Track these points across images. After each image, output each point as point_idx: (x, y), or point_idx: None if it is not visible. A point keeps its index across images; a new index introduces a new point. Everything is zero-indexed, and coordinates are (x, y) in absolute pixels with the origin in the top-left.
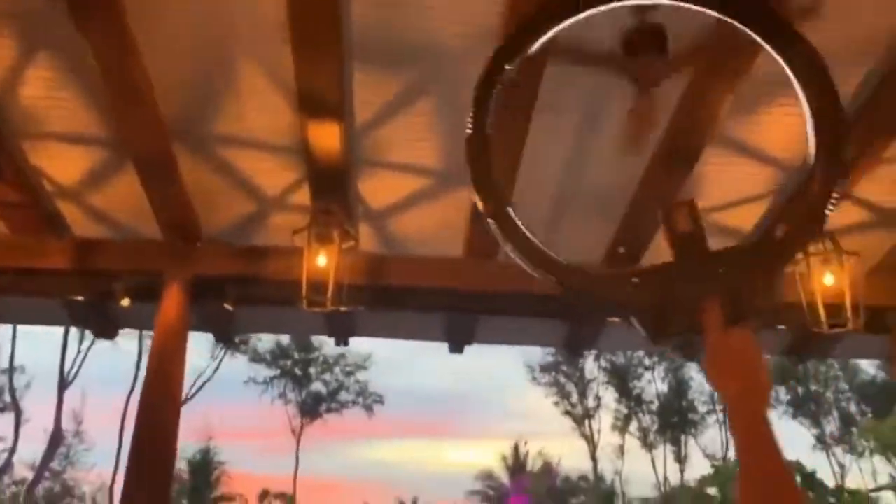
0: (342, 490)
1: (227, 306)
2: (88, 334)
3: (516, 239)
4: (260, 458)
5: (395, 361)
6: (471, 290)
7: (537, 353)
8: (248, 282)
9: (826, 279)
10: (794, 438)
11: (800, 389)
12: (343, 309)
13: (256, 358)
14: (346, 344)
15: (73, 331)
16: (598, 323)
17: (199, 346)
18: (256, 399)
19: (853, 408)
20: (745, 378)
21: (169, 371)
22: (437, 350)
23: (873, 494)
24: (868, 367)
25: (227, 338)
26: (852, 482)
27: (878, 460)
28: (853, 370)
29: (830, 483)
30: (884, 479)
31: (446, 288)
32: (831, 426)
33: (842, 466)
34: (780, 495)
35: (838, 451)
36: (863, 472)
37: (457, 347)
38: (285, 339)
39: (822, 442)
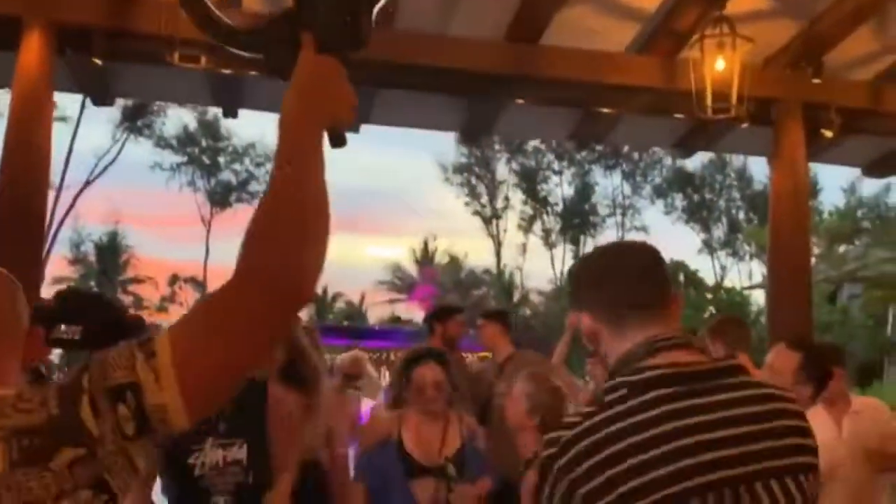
0: None
1: (96, 60)
2: None
3: None
4: (169, 245)
5: None
6: (364, 60)
7: (451, 154)
8: (117, 34)
9: (717, 64)
10: (683, 242)
11: (695, 197)
12: (226, 71)
13: (162, 143)
14: (234, 116)
15: None
16: (497, 104)
17: (98, 125)
18: (164, 185)
19: (741, 216)
20: (323, 101)
21: (32, 137)
22: (353, 146)
23: (746, 292)
24: (761, 178)
25: (102, 100)
26: (730, 282)
27: (756, 263)
28: (747, 180)
29: (711, 282)
30: (757, 280)
31: None
32: (719, 231)
33: (723, 268)
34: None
35: (722, 254)
36: (741, 273)
37: (353, 126)
38: (192, 123)
39: (708, 246)
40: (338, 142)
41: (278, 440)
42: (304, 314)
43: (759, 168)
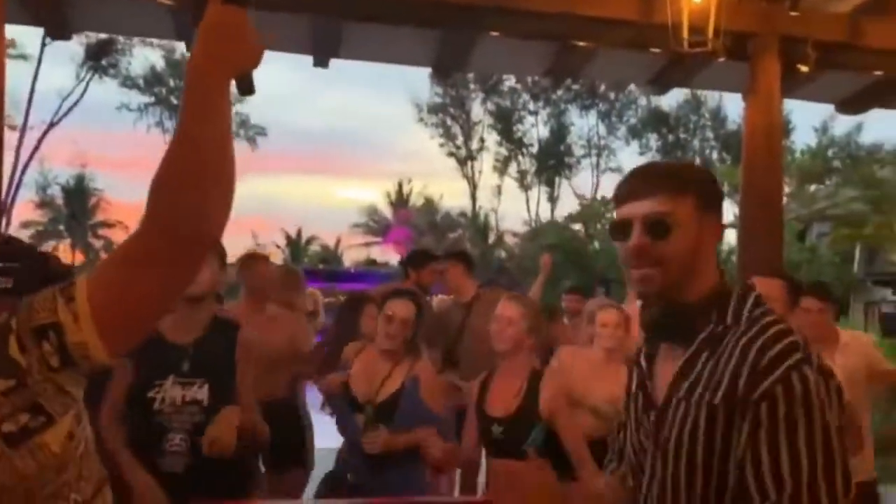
0: (228, 224)
1: None
2: None
3: None
4: (139, 188)
5: (279, 96)
6: None
7: (425, 93)
8: None
9: None
10: None
11: (669, 137)
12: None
13: (128, 83)
14: None
15: None
16: (471, 37)
17: (61, 65)
18: (131, 127)
19: (715, 155)
20: (227, 51)
21: None
22: (321, 85)
23: None
24: (735, 118)
25: (60, 33)
26: None
27: (728, 202)
28: (720, 119)
29: None
30: (729, 218)
31: None
32: None
33: None
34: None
35: None
36: None
37: (322, 60)
38: (159, 62)
39: None
40: (246, 90)
41: (244, 384)
42: (279, 258)
43: (733, 107)
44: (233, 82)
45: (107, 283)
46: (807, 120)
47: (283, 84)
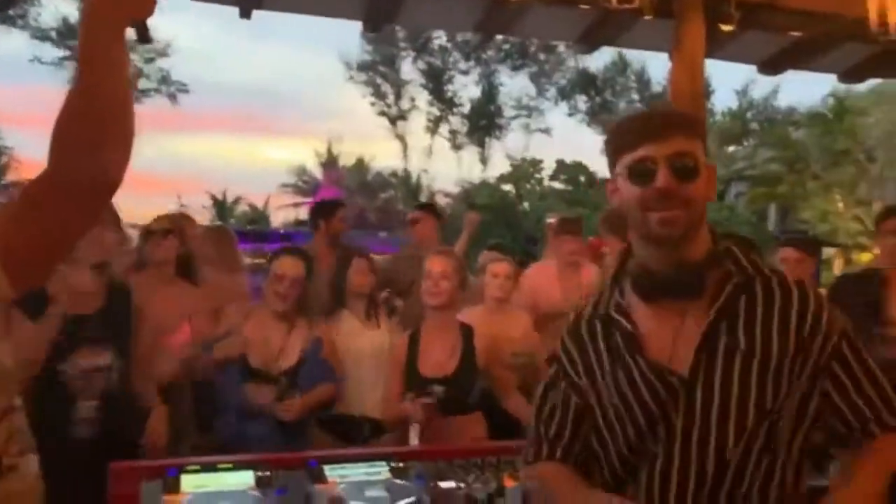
0: (151, 184)
1: None
2: None
3: None
4: None
5: (202, 51)
6: None
7: (355, 51)
8: None
9: None
10: (585, 145)
11: (597, 99)
12: None
13: (40, 35)
14: None
15: None
16: None
17: None
18: (45, 82)
19: None
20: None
21: None
22: (245, 41)
23: None
24: (660, 80)
25: None
26: None
27: None
28: (645, 83)
29: None
30: None
31: None
32: None
33: None
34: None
35: None
36: None
37: (245, 11)
38: (72, 14)
39: None
40: (143, 38)
41: (142, 349)
42: (206, 218)
43: (657, 70)
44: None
45: (11, 223)
46: (727, 82)
47: (206, 38)
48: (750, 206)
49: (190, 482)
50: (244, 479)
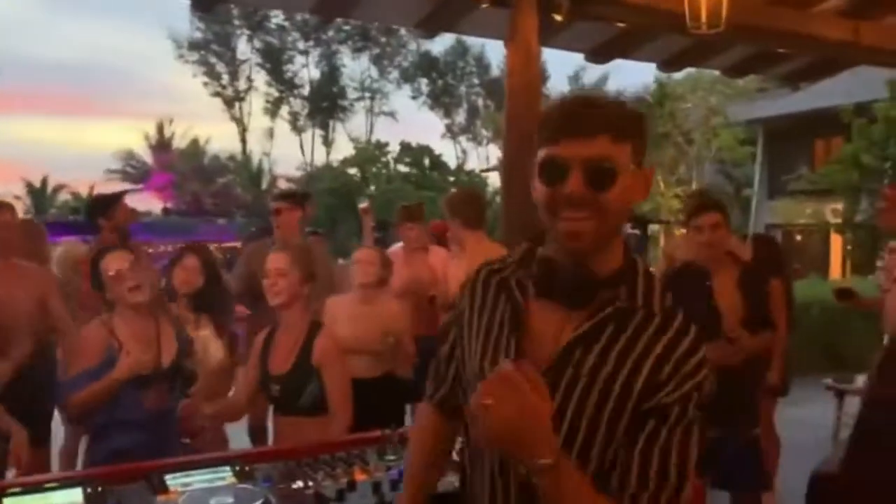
0: None
1: None
2: None
3: None
4: None
5: (22, 23)
6: None
7: (184, 28)
8: None
9: None
10: (428, 127)
11: (439, 82)
12: None
13: None
14: None
15: None
16: None
17: None
18: None
19: (480, 102)
20: None
21: None
22: (61, 15)
23: (483, 174)
24: (499, 65)
25: None
26: (470, 165)
27: (493, 147)
28: (485, 67)
29: (453, 165)
30: (494, 163)
31: None
32: (460, 117)
33: (464, 152)
34: None
35: (463, 139)
36: (479, 157)
37: None
38: None
39: (450, 130)
40: None
41: None
42: (20, 209)
43: (495, 55)
44: None
45: None
46: (560, 69)
47: (17, 12)
48: None
49: None
50: (71, 497)
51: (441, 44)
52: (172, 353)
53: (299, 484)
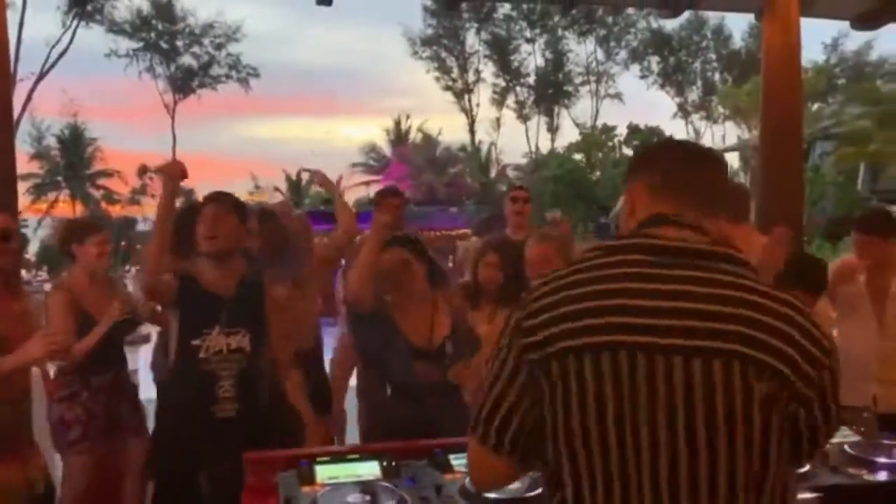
0: (225, 166)
1: None
2: None
3: None
4: (133, 135)
5: (270, 34)
6: None
7: (418, 26)
8: None
9: None
10: (658, 108)
11: (671, 60)
12: None
13: (115, 28)
14: None
15: None
16: None
17: (46, 13)
18: (122, 73)
19: (717, 77)
20: None
21: None
22: (312, 23)
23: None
24: (738, 38)
25: None
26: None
27: (731, 125)
28: (724, 41)
29: None
30: (732, 142)
31: None
32: (694, 95)
33: (697, 132)
34: None
35: (696, 117)
36: (714, 136)
37: None
38: (145, 6)
39: (683, 109)
40: None
41: (274, 332)
42: (281, 197)
43: (736, 26)
44: None
45: None
46: (814, 37)
47: (273, 23)
48: (837, 167)
49: (324, 473)
50: (371, 469)
51: (674, 19)
52: (442, 334)
53: None
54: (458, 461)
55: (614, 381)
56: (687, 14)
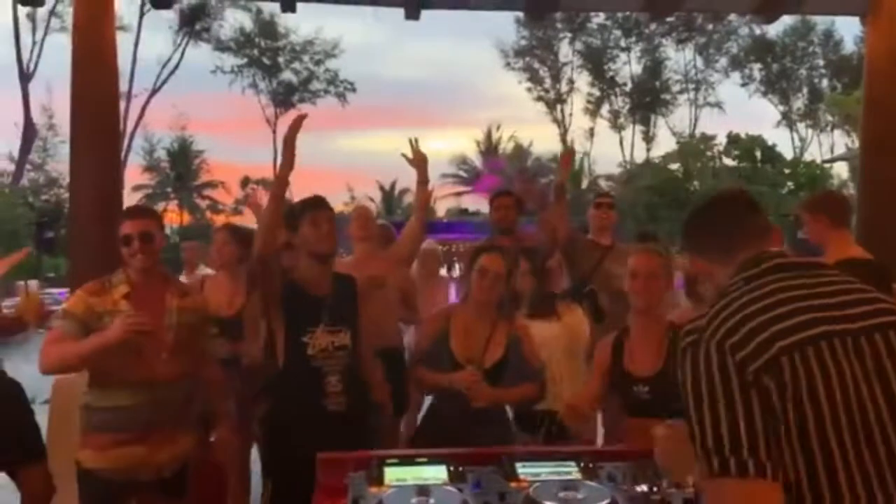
0: (324, 178)
1: None
2: (41, 24)
3: None
4: (237, 148)
5: (366, 49)
6: None
7: (511, 37)
8: None
9: None
10: (760, 116)
11: (774, 66)
12: None
13: (221, 46)
14: (293, 10)
15: (24, 20)
16: None
17: (158, 32)
18: (227, 89)
19: (825, 83)
20: None
21: (98, 46)
22: (406, 37)
23: (826, 165)
24: (849, 42)
25: (163, 1)
26: (809, 155)
27: (839, 134)
28: (833, 45)
29: (789, 156)
30: (840, 152)
31: None
32: (799, 102)
33: (802, 140)
34: None
35: (801, 126)
36: (822, 145)
37: (413, 12)
38: (248, 23)
39: (787, 118)
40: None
41: (364, 330)
42: (373, 208)
43: (848, 29)
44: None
45: None
46: None
47: (367, 38)
48: None
49: (392, 475)
50: (438, 473)
51: (778, 24)
52: (495, 357)
53: (643, 487)
54: (523, 469)
55: (837, 366)
56: (792, 19)
